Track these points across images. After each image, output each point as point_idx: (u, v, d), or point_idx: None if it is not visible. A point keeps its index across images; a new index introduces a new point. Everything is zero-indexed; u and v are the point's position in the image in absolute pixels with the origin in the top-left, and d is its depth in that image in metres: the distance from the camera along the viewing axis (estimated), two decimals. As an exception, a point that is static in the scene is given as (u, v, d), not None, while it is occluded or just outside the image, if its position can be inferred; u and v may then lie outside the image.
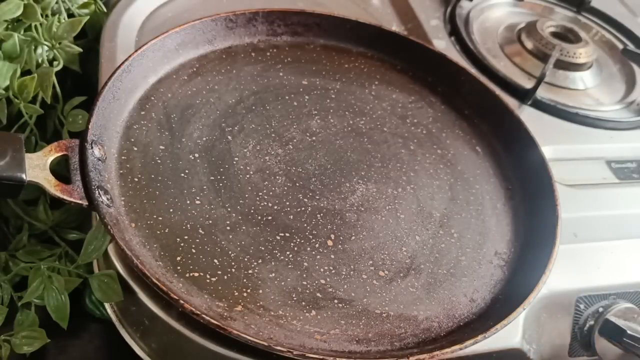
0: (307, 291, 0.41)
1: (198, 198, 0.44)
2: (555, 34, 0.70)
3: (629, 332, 0.45)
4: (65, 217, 0.48)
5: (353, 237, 0.45)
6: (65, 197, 0.39)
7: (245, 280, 0.41)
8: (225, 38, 0.56)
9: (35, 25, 0.52)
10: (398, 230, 0.46)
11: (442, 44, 0.66)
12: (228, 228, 0.43)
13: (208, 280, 0.40)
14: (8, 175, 0.38)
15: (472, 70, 0.59)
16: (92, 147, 0.42)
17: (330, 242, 0.44)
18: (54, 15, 0.54)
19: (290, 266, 0.42)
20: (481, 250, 0.46)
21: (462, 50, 0.67)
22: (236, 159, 0.48)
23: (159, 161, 0.46)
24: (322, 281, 0.42)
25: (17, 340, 0.42)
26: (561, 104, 0.62)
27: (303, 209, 0.46)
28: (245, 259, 0.42)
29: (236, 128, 0.50)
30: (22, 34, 0.51)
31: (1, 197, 0.46)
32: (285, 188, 0.47)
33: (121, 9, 0.59)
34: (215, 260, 0.41)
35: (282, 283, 0.41)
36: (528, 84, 0.63)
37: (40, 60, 0.51)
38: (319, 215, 0.46)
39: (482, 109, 0.56)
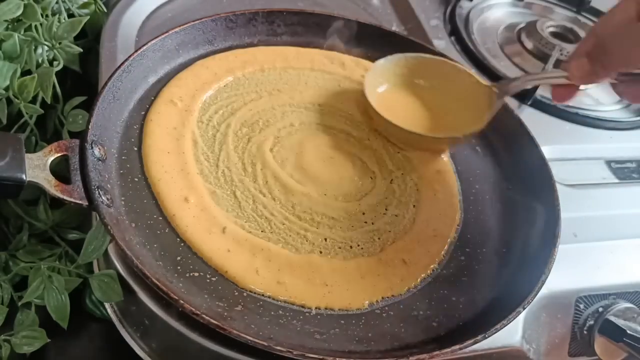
0: (307, 291, 0.41)
1: (198, 198, 0.44)
2: (555, 34, 0.70)
3: (629, 332, 0.45)
4: (65, 217, 0.48)
5: (353, 237, 0.45)
6: (65, 197, 0.39)
7: (245, 280, 0.40)
8: (225, 38, 0.56)
9: (36, 25, 0.52)
10: (398, 230, 0.46)
11: (442, 44, 0.67)
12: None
13: (208, 280, 0.40)
14: (8, 175, 0.38)
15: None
16: (92, 147, 0.42)
17: (330, 242, 0.44)
18: (54, 15, 0.54)
19: (290, 266, 0.42)
20: (481, 250, 0.46)
21: (462, 50, 0.67)
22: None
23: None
24: (322, 281, 0.42)
25: (17, 340, 0.42)
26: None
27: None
28: (245, 259, 0.42)
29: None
30: (22, 34, 0.51)
31: (1, 197, 0.46)
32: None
33: (121, 9, 0.59)
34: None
35: (282, 283, 0.41)
36: (528, 84, 0.63)
37: (40, 60, 0.52)
38: (319, 215, 0.46)
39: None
